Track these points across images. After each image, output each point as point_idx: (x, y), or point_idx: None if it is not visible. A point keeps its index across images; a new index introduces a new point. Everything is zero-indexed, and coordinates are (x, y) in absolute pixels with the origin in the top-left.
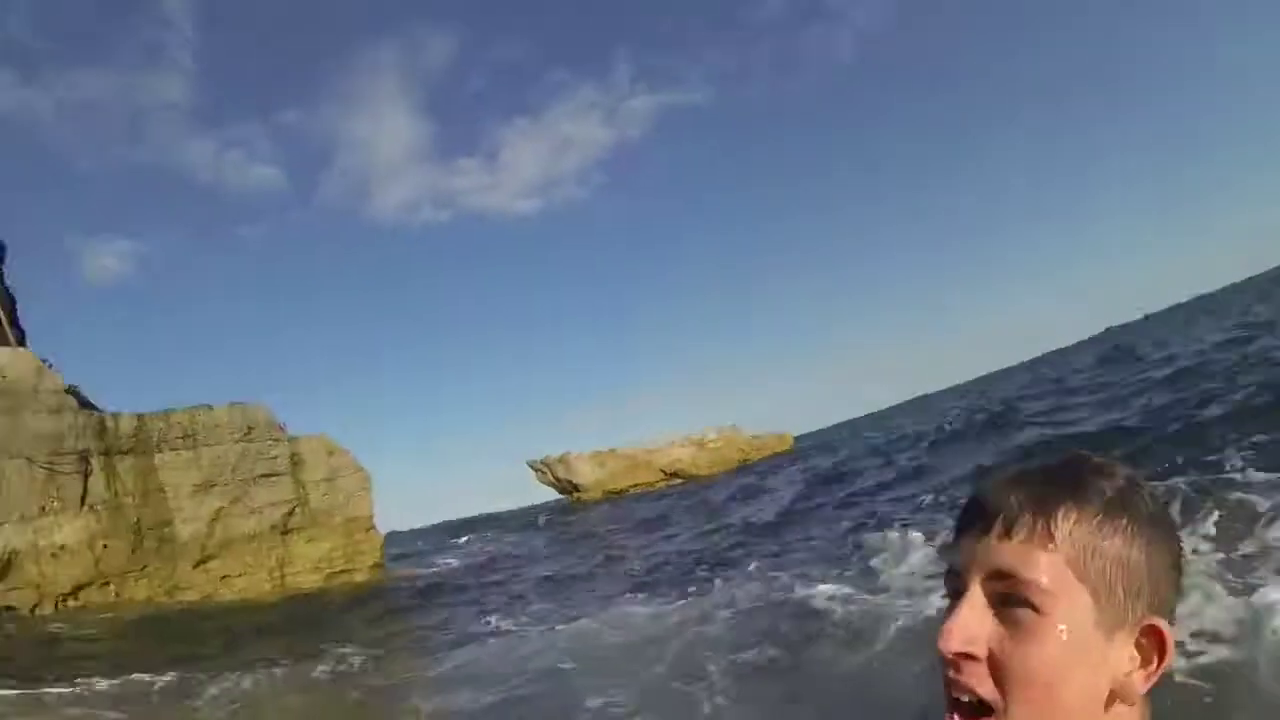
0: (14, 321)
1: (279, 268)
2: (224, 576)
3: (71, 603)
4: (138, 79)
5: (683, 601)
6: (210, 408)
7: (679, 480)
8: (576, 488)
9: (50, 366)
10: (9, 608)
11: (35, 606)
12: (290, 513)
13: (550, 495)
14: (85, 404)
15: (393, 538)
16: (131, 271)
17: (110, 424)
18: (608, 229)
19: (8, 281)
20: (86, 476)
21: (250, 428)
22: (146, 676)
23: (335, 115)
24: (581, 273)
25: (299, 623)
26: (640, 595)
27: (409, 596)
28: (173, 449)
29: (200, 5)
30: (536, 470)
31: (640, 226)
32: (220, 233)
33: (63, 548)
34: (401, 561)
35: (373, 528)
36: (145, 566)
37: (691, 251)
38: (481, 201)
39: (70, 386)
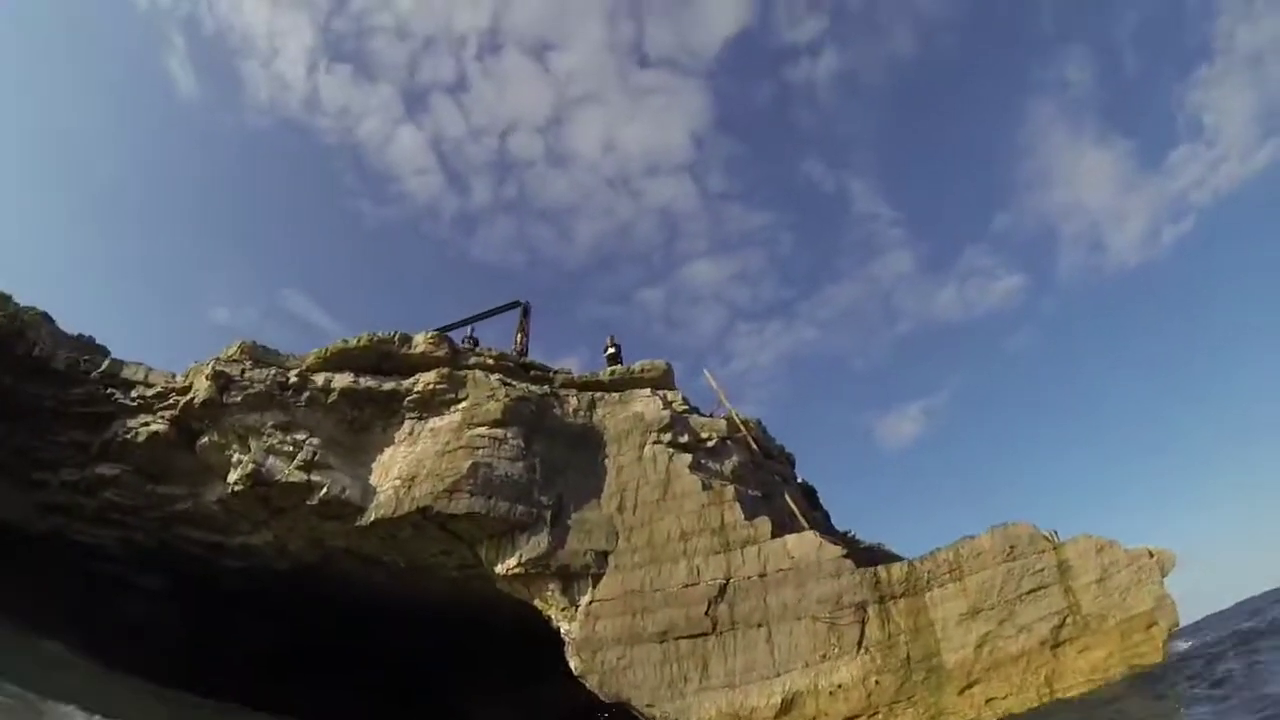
0: (814, 507)
1: (1046, 369)
2: (989, 700)
3: None
4: (871, 272)
5: None
6: (972, 538)
7: None
8: None
9: (850, 535)
10: None
11: None
12: (1060, 624)
13: None
14: (881, 556)
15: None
16: (922, 430)
17: (883, 575)
18: None
19: (801, 478)
20: (863, 624)
21: (1012, 547)
22: None
23: (1033, 198)
24: None
25: None
26: None
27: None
28: (940, 585)
29: (881, 185)
30: None
31: None
32: (988, 359)
33: (839, 686)
34: (1192, 662)
35: (1154, 624)
36: (912, 696)
37: None
38: (1214, 185)
39: (868, 545)
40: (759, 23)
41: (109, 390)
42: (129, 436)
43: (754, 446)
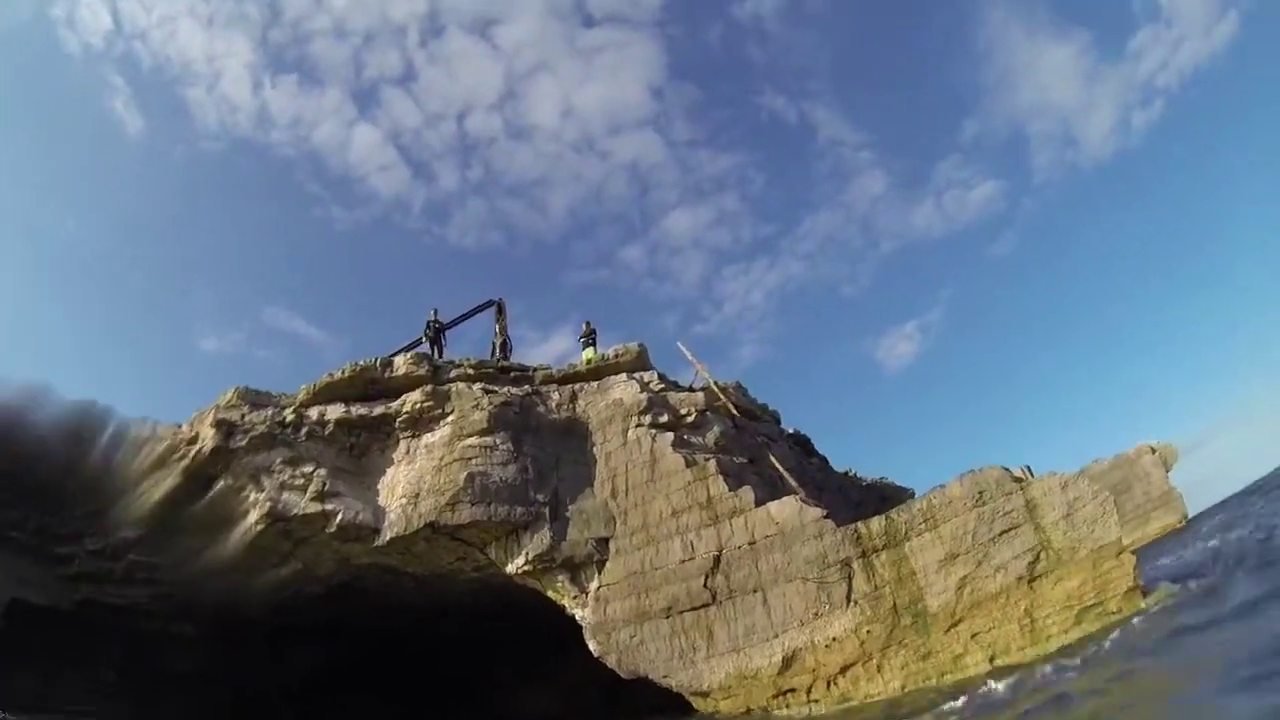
0: (809, 454)
1: (1032, 270)
2: (974, 634)
3: (840, 679)
4: (846, 198)
5: None
6: (943, 487)
7: None
8: None
9: (851, 473)
10: (791, 690)
11: (810, 687)
12: (1034, 560)
13: None
14: (884, 490)
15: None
16: (919, 347)
17: (863, 530)
18: None
19: (791, 429)
20: (850, 579)
21: (981, 492)
22: None
23: (999, 102)
24: None
25: None
26: None
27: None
28: (917, 534)
29: (844, 109)
30: None
31: None
32: (974, 269)
33: (834, 639)
34: (1163, 570)
35: (1123, 551)
36: (902, 640)
37: None
38: (1178, 66)
39: (869, 482)
40: None
41: (119, 452)
42: (144, 496)
43: (735, 413)
